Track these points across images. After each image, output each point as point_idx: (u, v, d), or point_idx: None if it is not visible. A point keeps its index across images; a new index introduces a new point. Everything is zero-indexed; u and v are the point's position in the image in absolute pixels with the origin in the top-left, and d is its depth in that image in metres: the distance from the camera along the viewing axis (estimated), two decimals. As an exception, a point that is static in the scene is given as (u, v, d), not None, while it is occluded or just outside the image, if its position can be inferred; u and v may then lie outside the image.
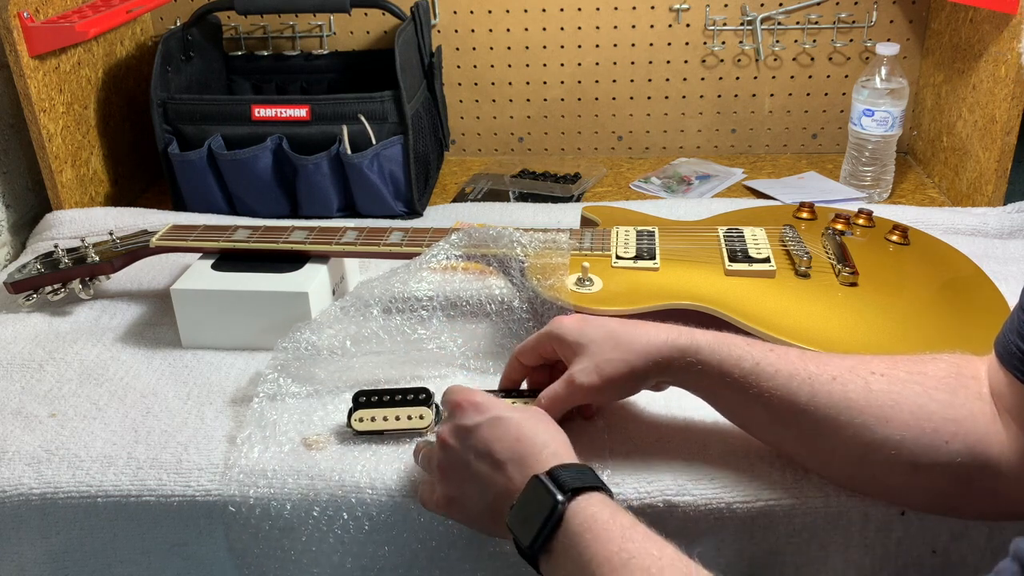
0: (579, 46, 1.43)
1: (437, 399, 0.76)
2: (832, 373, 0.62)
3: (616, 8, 1.39)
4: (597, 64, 1.44)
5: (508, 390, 0.75)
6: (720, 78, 1.44)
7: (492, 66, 1.45)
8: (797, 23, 1.39)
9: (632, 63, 1.43)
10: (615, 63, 1.43)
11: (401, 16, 1.23)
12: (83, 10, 1.19)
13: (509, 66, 1.44)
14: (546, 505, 0.55)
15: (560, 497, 0.54)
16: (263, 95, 1.40)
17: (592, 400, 0.71)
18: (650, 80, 1.44)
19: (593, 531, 0.53)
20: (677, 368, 0.65)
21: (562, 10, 1.40)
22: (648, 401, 0.77)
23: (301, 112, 1.18)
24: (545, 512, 0.54)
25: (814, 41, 1.40)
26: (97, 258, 0.97)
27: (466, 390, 0.66)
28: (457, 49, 1.43)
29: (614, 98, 1.46)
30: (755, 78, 1.43)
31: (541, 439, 0.60)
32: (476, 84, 1.46)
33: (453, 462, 0.63)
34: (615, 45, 1.42)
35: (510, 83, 1.46)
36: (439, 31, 1.42)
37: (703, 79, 1.44)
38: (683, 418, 0.75)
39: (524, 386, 0.76)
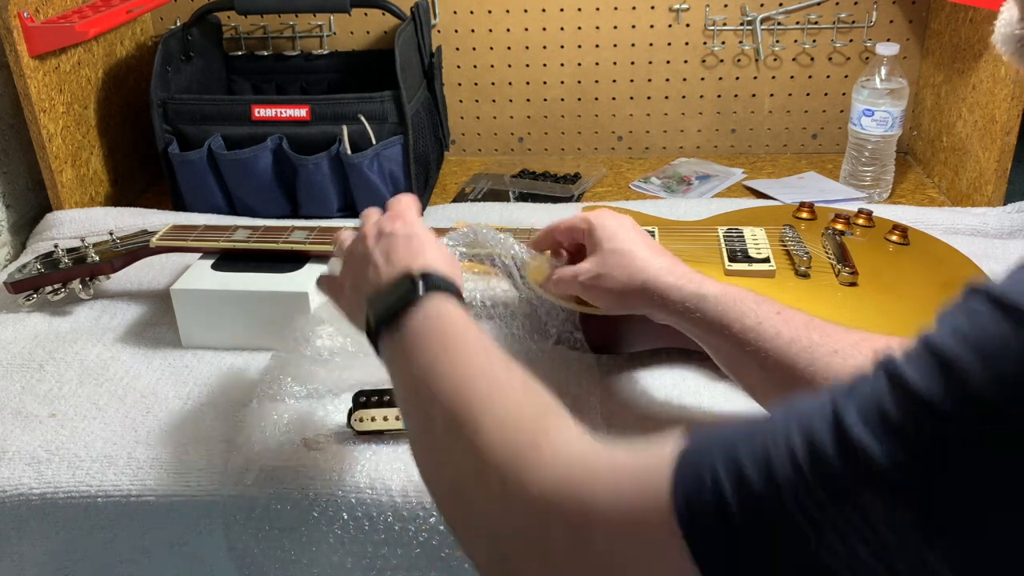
0: (579, 46, 1.43)
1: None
2: (834, 346, 0.61)
3: (616, 8, 1.39)
4: (597, 64, 1.44)
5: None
6: (720, 78, 1.44)
7: (492, 66, 1.45)
8: (797, 23, 1.39)
9: (632, 63, 1.43)
10: (615, 63, 1.43)
11: (401, 16, 1.23)
12: (83, 10, 1.19)
13: (509, 66, 1.44)
14: (404, 288, 0.57)
15: (421, 285, 0.56)
16: (263, 95, 1.40)
17: (584, 298, 0.74)
18: (650, 80, 1.44)
19: (447, 318, 0.55)
20: (673, 310, 0.67)
21: (562, 10, 1.40)
22: (649, 401, 0.77)
23: (301, 112, 1.18)
24: (403, 291, 0.57)
25: (814, 41, 1.40)
26: (97, 258, 0.97)
27: (405, 205, 0.67)
28: (457, 49, 1.43)
29: (614, 98, 1.46)
30: (755, 78, 1.43)
31: (432, 256, 0.61)
32: (476, 84, 1.46)
33: (358, 251, 0.65)
34: (615, 45, 1.42)
35: (510, 83, 1.46)
36: (439, 31, 1.42)
37: (703, 79, 1.44)
38: (683, 418, 0.75)
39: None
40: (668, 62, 1.43)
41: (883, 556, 0.32)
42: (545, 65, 1.44)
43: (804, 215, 0.99)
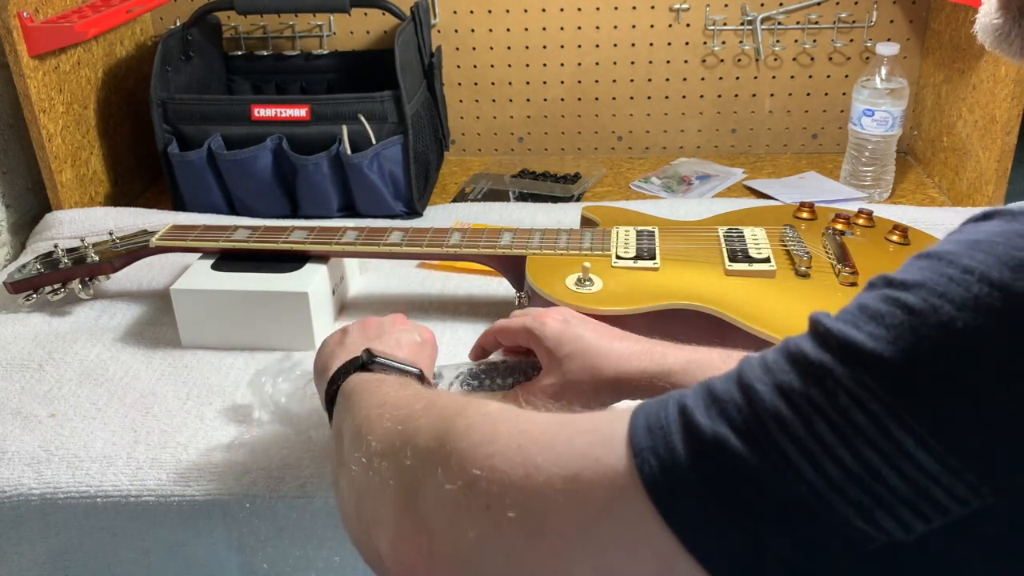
0: (579, 46, 1.43)
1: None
2: None
3: (616, 8, 1.39)
4: (597, 64, 1.44)
5: (481, 367, 0.75)
6: (720, 78, 1.44)
7: (492, 66, 1.45)
8: (797, 23, 1.39)
9: (632, 63, 1.43)
10: (615, 63, 1.43)
11: (401, 16, 1.23)
12: (83, 10, 1.19)
13: (509, 66, 1.44)
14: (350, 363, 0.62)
15: (364, 355, 0.62)
16: (263, 95, 1.40)
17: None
18: (650, 80, 1.44)
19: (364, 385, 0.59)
20: (647, 392, 0.65)
21: (562, 10, 1.40)
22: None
23: (301, 112, 1.17)
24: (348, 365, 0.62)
25: (814, 41, 1.40)
26: (97, 258, 0.97)
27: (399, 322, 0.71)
28: (457, 49, 1.43)
29: (614, 98, 1.46)
30: (755, 78, 1.43)
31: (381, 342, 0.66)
32: (476, 84, 1.46)
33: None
34: (615, 45, 1.42)
35: (510, 83, 1.46)
36: (439, 31, 1.42)
37: (703, 79, 1.44)
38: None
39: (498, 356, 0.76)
40: (668, 62, 1.43)
41: (858, 439, 0.33)
42: (545, 65, 1.44)
43: (804, 215, 0.99)
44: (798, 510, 0.33)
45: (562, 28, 1.41)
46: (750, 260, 0.88)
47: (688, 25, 1.40)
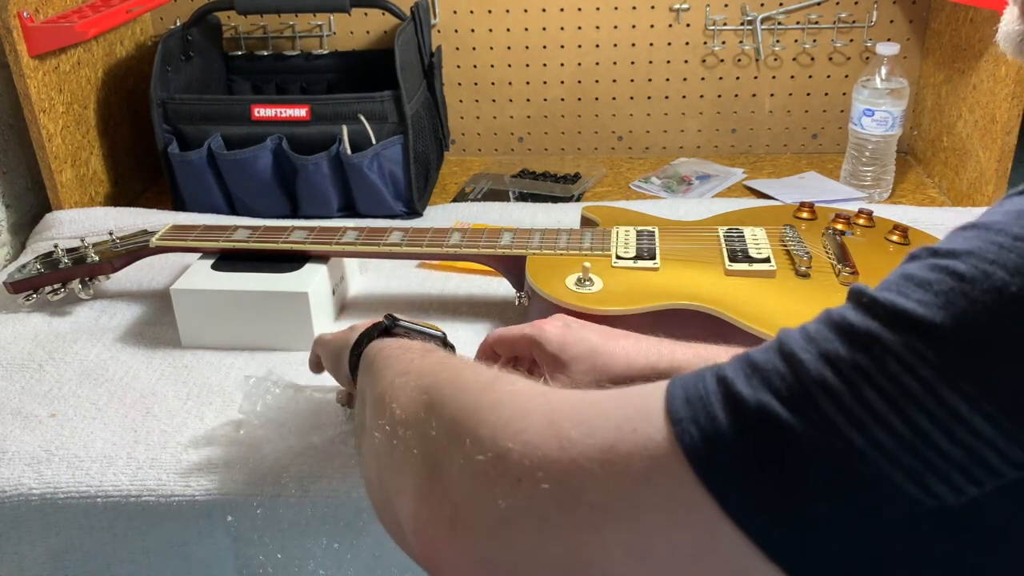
0: (579, 46, 1.43)
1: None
2: None
3: (616, 8, 1.39)
4: (597, 64, 1.44)
5: None
6: (720, 78, 1.44)
7: (492, 66, 1.45)
8: (797, 23, 1.39)
9: (632, 63, 1.43)
10: (615, 63, 1.43)
11: (401, 16, 1.23)
12: (83, 10, 1.19)
13: (509, 66, 1.44)
14: (374, 328, 0.62)
15: (385, 321, 0.62)
16: (263, 95, 1.40)
17: None
18: (650, 80, 1.44)
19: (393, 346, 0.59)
20: None
21: (562, 10, 1.40)
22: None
23: (301, 112, 1.17)
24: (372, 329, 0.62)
25: (814, 41, 1.40)
26: (97, 258, 0.97)
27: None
28: (457, 49, 1.43)
29: (614, 98, 1.46)
30: (755, 78, 1.43)
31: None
32: (476, 84, 1.46)
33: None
34: (615, 45, 1.42)
35: (510, 83, 1.46)
36: (439, 31, 1.42)
37: (703, 79, 1.44)
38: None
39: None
40: (668, 62, 1.43)
41: (904, 404, 0.33)
42: (545, 65, 1.44)
43: (804, 215, 0.99)
44: (847, 477, 0.33)
45: (562, 28, 1.41)
46: (750, 260, 0.88)
47: (688, 25, 1.40)
